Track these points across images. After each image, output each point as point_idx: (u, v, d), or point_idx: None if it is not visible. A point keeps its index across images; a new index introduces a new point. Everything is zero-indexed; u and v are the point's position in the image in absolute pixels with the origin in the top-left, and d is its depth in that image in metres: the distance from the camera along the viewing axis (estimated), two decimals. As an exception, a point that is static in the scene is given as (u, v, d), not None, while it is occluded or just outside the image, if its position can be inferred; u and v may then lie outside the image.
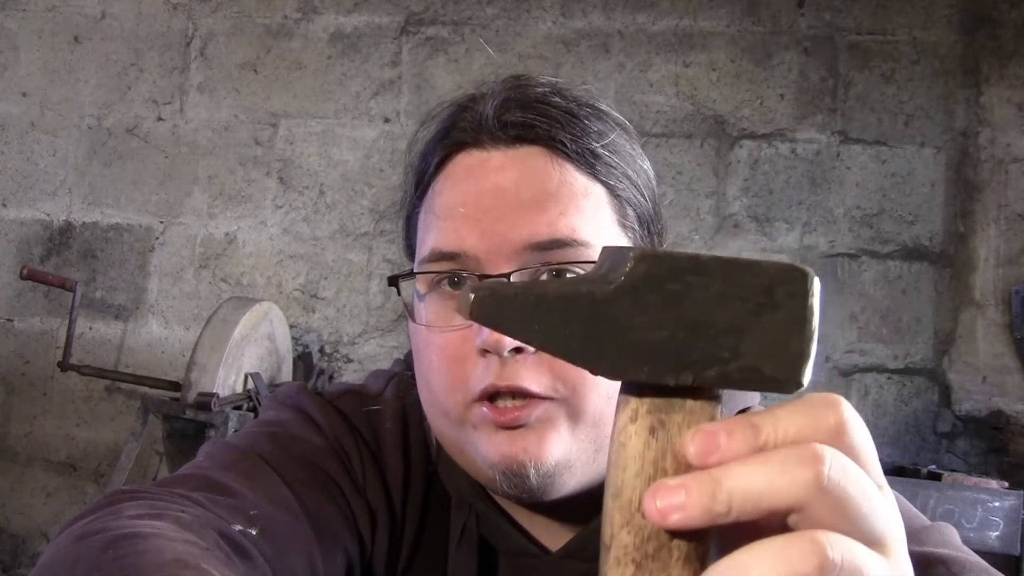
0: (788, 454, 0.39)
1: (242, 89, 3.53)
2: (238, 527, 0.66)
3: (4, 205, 3.59)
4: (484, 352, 0.71)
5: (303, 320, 3.45)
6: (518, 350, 0.70)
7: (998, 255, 3.23)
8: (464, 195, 0.75)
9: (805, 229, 3.32)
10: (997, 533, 2.56)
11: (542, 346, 0.44)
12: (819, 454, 0.39)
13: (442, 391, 0.74)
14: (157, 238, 3.53)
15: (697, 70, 3.38)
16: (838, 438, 0.41)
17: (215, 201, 3.52)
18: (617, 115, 0.81)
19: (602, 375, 0.43)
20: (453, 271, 0.74)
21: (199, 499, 0.67)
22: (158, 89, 3.56)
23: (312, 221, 3.48)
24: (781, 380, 0.43)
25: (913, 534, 0.72)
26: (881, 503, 0.41)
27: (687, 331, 0.43)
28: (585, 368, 0.44)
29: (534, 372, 0.71)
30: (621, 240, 0.77)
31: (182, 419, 2.77)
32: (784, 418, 0.41)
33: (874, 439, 0.44)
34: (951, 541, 0.73)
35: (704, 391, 0.44)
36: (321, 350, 3.44)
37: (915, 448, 3.22)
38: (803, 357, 0.43)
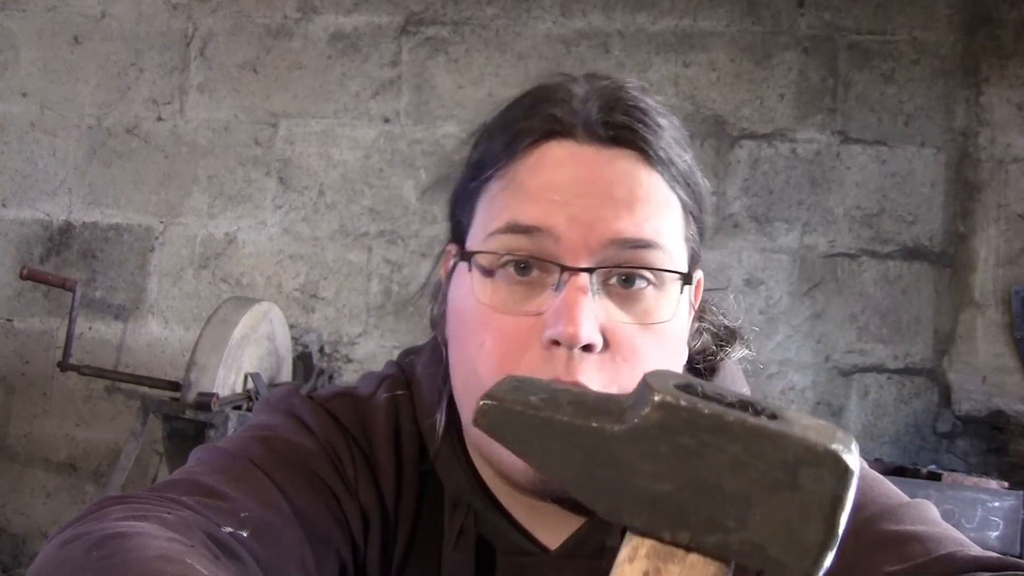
0: None
1: (242, 89, 3.53)
2: (228, 529, 0.66)
3: (4, 205, 3.59)
4: (554, 344, 0.70)
5: (303, 320, 3.45)
6: (588, 348, 0.70)
7: (998, 255, 3.23)
8: (554, 180, 0.74)
9: (805, 229, 3.32)
10: (997, 533, 2.55)
11: (540, 468, 0.42)
12: None
13: (490, 376, 0.72)
14: (157, 238, 3.53)
15: (697, 70, 3.38)
16: None
17: (215, 201, 3.52)
18: (686, 132, 0.83)
19: (599, 513, 0.42)
20: (528, 254, 0.73)
21: (189, 503, 0.67)
22: (158, 89, 3.56)
23: (312, 221, 3.48)
24: (787, 565, 0.40)
25: (890, 512, 0.72)
26: None
27: (693, 490, 0.40)
28: (581, 501, 0.42)
29: (598, 373, 0.70)
30: (683, 252, 0.77)
31: (182, 419, 2.77)
32: None
33: (874, 439, 0.44)
34: (928, 517, 0.73)
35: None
36: (321, 350, 3.44)
37: (915, 448, 3.22)
38: (819, 548, 0.40)
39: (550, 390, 0.46)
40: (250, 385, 2.90)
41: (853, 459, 0.40)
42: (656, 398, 0.41)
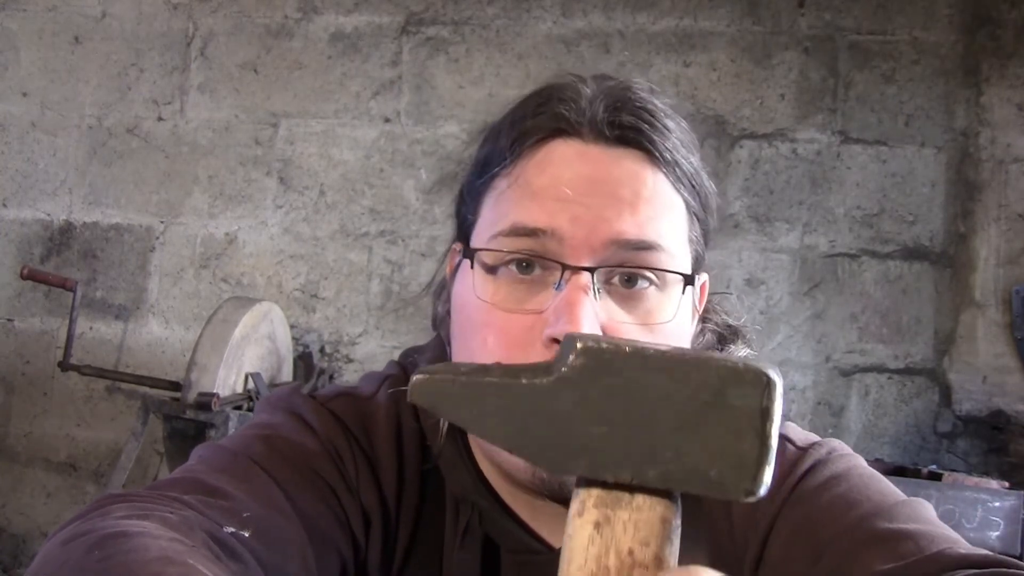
0: None
1: (242, 89, 3.53)
2: (230, 529, 0.66)
3: (4, 205, 3.59)
4: (554, 342, 0.70)
5: (303, 320, 3.45)
6: None
7: (998, 255, 3.23)
8: (559, 179, 0.74)
9: (805, 229, 3.32)
10: (997, 533, 2.55)
11: (480, 433, 0.43)
12: None
13: None
14: (157, 238, 3.53)
15: (697, 70, 3.38)
16: None
17: (215, 201, 3.52)
18: (693, 135, 0.83)
19: (541, 467, 0.42)
20: (531, 253, 0.73)
21: (191, 502, 0.67)
22: (158, 89, 3.56)
23: (312, 221, 3.48)
24: (728, 485, 0.41)
25: (885, 510, 0.72)
26: None
27: (627, 428, 0.41)
28: (524, 459, 0.43)
29: None
30: (686, 254, 0.78)
31: (182, 419, 2.77)
32: None
33: (874, 439, 0.44)
34: (923, 516, 0.73)
35: (654, 488, 0.42)
36: (321, 350, 3.44)
37: (915, 448, 3.22)
38: (756, 463, 0.40)
39: (482, 365, 0.47)
40: (250, 385, 2.90)
41: (774, 372, 0.41)
42: (579, 345, 0.42)
